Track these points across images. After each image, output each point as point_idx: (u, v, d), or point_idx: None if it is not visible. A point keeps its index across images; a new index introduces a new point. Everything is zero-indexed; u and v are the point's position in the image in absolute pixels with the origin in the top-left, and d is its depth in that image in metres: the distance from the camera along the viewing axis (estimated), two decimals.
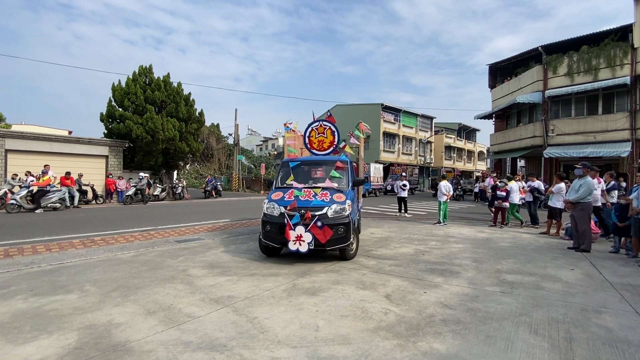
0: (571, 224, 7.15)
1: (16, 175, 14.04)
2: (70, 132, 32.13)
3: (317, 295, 3.96)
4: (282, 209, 5.49)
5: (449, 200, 10.69)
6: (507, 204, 9.92)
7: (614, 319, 3.35)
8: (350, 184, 6.21)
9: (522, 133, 21.68)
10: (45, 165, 14.08)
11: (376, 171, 28.63)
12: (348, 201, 5.64)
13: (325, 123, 8.15)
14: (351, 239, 5.48)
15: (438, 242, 7.46)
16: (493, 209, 10.47)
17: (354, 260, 5.69)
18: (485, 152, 50.62)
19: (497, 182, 10.75)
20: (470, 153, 51.14)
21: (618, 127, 17.60)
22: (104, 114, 19.32)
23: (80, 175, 16.05)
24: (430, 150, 42.86)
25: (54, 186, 13.60)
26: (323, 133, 7.70)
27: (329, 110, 8.91)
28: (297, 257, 5.78)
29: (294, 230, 5.26)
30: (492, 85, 25.52)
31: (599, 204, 7.72)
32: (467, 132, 51.01)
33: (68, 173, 14.51)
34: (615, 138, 17.64)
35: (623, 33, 17.86)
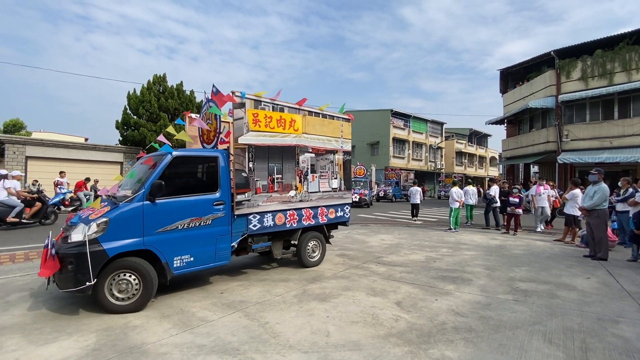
0: (587, 232, 7.00)
1: (36, 181, 14.49)
2: (86, 139, 33.07)
3: (328, 301, 3.98)
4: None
5: (460, 207, 10.61)
6: (519, 211, 9.77)
7: (631, 328, 3.27)
8: (143, 190, 3.71)
9: (535, 138, 21.34)
10: (60, 172, 14.52)
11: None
12: (103, 219, 3.48)
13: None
14: (87, 282, 3.30)
15: (449, 249, 7.39)
16: (505, 215, 10.33)
17: (364, 266, 5.69)
18: (497, 157, 49.90)
19: (512, 189, 10.62)
20: (481, 159, 50.47)
21: (635, 132, 17.16)
22: (119, 121, 19.86)
23: (96, 182, 16.47)
24: (441, 156, 42.49)
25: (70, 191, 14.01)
26: (209, 119, 5.15)
27: (214, 85, 4.64)
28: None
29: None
30: (504, 90, 25.25)
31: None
32: (478, 138, 50.41)
33: (87, 179, 14.95)
34: (632, 143, 17.18)
35: (638, 37, 17.51)
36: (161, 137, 4.60)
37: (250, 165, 4.63)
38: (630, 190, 7.78)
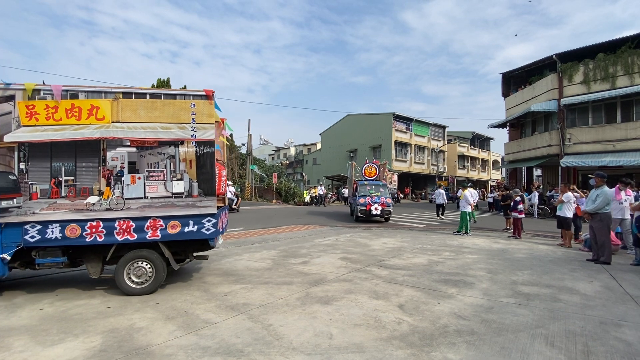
0: (590, 235, 6.99)
1: None
2: None
3: (331, 304, 4.00)
4: None
5: (472, 210, 10.70)
6: (515, 214, 9.80)
7: (633, 332, 3.28)
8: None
9: (537, 142, 21.30)
10: None
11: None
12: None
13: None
14: None
15: (452, 252, 7.40)
16: (510, 219, 10.34)
17: (367, 270, 5.71)
18: (499, 161, 49.77)
19: (512, 192, 10.62)
20: (484, 162, 50.36)
21: (638, 136, 17.10)
22: None
23: None
24: (444, 160, 42.44)
25: None
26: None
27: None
28: (310, 267, 5.85)
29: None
30: (506, 93, 25.26)
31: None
32: (480, 141, 50.33)
33: None
34: (635, 147, 17.12)
35: None
36: None
37: (22, 167, 3.94)
38: (634, 194, 7.77)
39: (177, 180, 4.33)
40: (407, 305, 3.97)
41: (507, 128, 25.72)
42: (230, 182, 21.97)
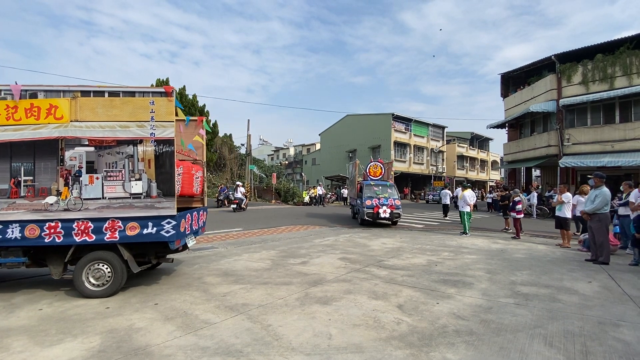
0: (589, 236, 7.01)
1: None
2: None
3: (330, 304, 4.00)
4: None
5: (472, 211, 10.68)
6: (514, 214, 9.83)
7: (632, 332, 3.29)
8: None
9: (536, 142, 21.35)
10: None
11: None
12: None
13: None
14: None
15: (451, 252, 7.41)
16: (510, 220, 10.36)
17: (366, 270, 5.72)
18: (498, 161, 49.86)
19: (511, 192, 10.65)
20: (483, 162, 50.44)
21: (637, 136, 17.15)
22: None
23: None
24: (443, 160, 42.50)
25: None
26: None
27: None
28: (309, 267, 5.85)
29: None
30: (505, 94, 25.31)
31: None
32: (479, 142, 50.41)
33: None
34: (634, 147, 17.17)
35: (639, 41, 17.57)
36: None
37: None
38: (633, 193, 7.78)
39: (136, 180, 4.20)
40: (406, 306, 3.97)
41: (506, 128, 25.77)
42: (240, 183, 22.71)
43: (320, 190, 26.95)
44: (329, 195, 30.42)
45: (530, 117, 22.36)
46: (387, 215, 11.89)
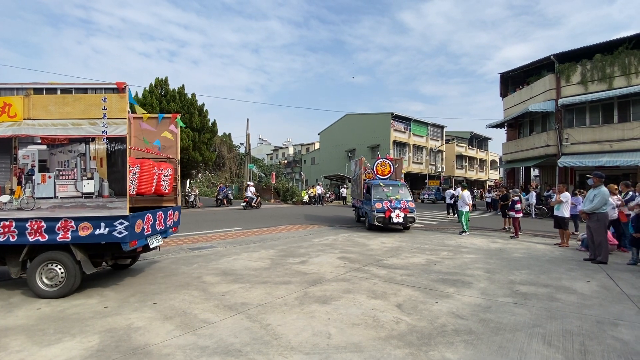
0: (587, 235, 7.02)
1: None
2: None
3: (329, 303, 4.00)
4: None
5: (470, 210, 10.71)
6: (513, 213, 9.84)
7: (630, 331, 3.30)
8: None
9: (535, 142, 21.38)
10: None
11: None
12: None
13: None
14: None
15: (450, 252, 7.41)
16: (509, 219, 10.38)
17: (365, 269, 5.72)
18: (497, 161, 49.90)
19: (511, 192, 10.67)
20: (482, 162, 50.49)
21: (635, 136, 17.19)
22: None
23: None
24: (442, 160, 42.52)
25: None
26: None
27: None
28: (308, 266, 5.85)
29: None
30: (504, 94, 25.33)
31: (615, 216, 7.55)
32: (478, 141, 50.46)
33: None
34: (632, 147, 17.21)
35: (638, 41, 17.58)
36: None
37: None
38: (630, 193, 7.81)
39: (88, 179, 4.12)
40: (405, 305, 3.97)
41: (505, 128, 25.80)
42: (251, 183, 23.22)
43: (319, 190, 26.94)
44: (328, 195, 30.41)
45: (529, 116, 22.39)
46: (401, 220, 10.53)
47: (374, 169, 12.74)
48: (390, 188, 11.62)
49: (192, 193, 20.92)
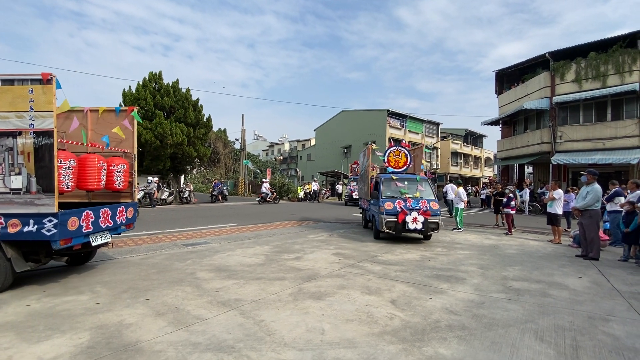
0: (579, 232, 7.10)
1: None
2: None
3: (323, 299, 4.00)
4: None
5: (465, 207, 10.76)
6: (508, 210, 9.92)
7: (621, 327, 3.33)
8: None
9: (529, 139, 21.54)
10: None
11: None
12: None
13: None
14: None
15: (444, 248, 7.45)
16: (501, 216, 10.45)
17: (360, 265, 5.72)
18: (492, 158, 50.25)
19: (505, 189, 10.75)
20: (477, 159, 50.80)
21: (627, 134, 17.40)
22: None
23: None
24: (437, 157, 42.71)
25: None
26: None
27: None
28: (303, 262, 5.84)
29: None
30: (499, 91, 25.45)
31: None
32: (473, 138, 50.72)
33: None
34: (624, 145, 17.42)
35: (631, 40, 17.73)
36: None
37: None
38: (615, 190, 7.91)
39: (15, 175, 3.96)
40: (399, 301, 3.98)
41: (500, 125, 25.95)
42: (266, 180, 23.68)
43: (315, 186, 26.92)
44: (323, 191, 30.41)
45: (524, 114, 22.52)
46: (419, 227, 7.78)
47: (386, 159, 9.85)
48: (406, 183, 8.81)
49: (187, 189, 20.77)
